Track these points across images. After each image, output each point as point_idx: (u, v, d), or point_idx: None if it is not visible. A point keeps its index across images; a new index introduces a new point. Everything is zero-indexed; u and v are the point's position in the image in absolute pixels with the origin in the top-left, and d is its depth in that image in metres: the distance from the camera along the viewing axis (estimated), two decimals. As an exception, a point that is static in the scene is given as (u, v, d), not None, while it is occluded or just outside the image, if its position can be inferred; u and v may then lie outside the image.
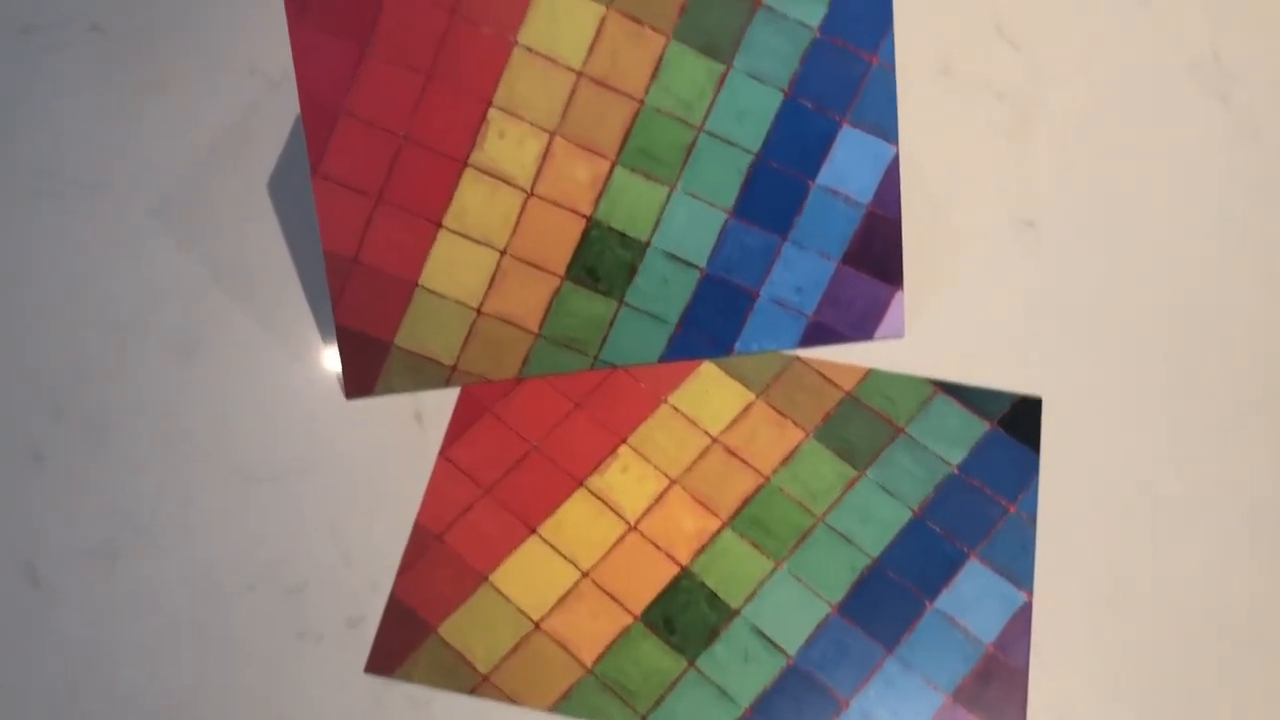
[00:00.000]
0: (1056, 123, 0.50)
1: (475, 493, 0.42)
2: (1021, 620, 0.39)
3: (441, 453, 0.43)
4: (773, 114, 0.41)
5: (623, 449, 0.43)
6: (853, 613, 0.40)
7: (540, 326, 0.42)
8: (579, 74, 0.40)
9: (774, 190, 0.42)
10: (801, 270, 0.43)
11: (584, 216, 0.41)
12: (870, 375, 0.44)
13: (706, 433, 0.43)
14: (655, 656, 0.39)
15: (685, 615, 0.39)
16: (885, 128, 0.42)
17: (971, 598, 0.40)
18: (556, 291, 0.42)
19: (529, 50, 0.40)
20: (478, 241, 0.41)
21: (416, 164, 0.40)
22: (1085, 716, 0.38)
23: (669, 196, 0.41)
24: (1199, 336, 0.45)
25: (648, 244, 0.41)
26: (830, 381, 0.44)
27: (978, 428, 0.43)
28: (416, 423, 0.43)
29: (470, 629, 0.39)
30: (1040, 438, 0.43)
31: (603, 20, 0.40)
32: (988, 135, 0.50)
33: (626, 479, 0.42)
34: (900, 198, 0.43)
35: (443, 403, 0.44)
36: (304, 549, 0.41)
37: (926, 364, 0.44)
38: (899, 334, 0.44)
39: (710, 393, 0.44)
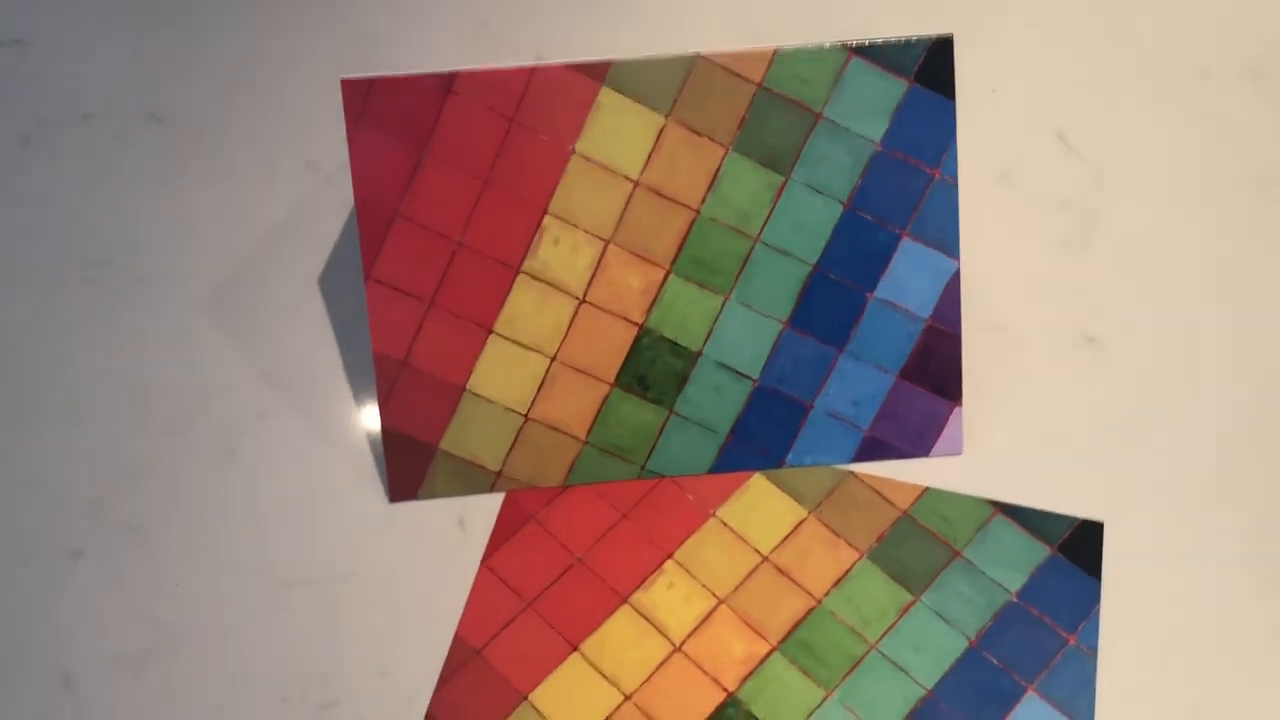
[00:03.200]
0: (1120, 234, 0.49)
1: (517, 605, 0.41)
2: (1081, 759, 0.38)
3: (484, 561, 0.42)
4: (832, 226, 0.40)
5: (669, 564, 0.42)
6: (906, 748, 0.38)
7: (588, 433, 0.41)
8: (636, 183, 0.40)
9: (831, 302, 0.41)
10: (858, 383, 0.42)
11: (635, 324, 0.40)
12: (927, 494, 0.43)
13: (756, 550, 0.42)
14: (699, 788, 0.37)
15: (731, 745, 0.38)
16: (946, 241, 0.41)
17: (1030, 735, 0.38)
18: (605, 399, 0.41)
19: (586, 159, 0.40)
20: (528, 347, 0.41)
21: (470, 269, 0.40)
22: None
23: (723, 306, 0.40)
24: (1267, 458, 0.43)
25: (699, 353, 0.40)
26: (885, 499, 0.43)
27: (1038, 552, 0.42)
28: (460, 529, 0.42)
29: (508, 751, 0.38)
30: (1102, 564, 0.41)
31: (661, 130, 0.40)
32: (1049, 246, 0.49)
33: (672, 596, 0.41)
34: (961, 312, 0.42)
35: (487, 508, 0.43)
36: (340, 659, 0.40)
37: (984, 484, 0.43)
38: (956, 451, 0.43)
39: (761, 507, 0.42)
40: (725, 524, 0.42)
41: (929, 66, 0.41)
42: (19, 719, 0.39)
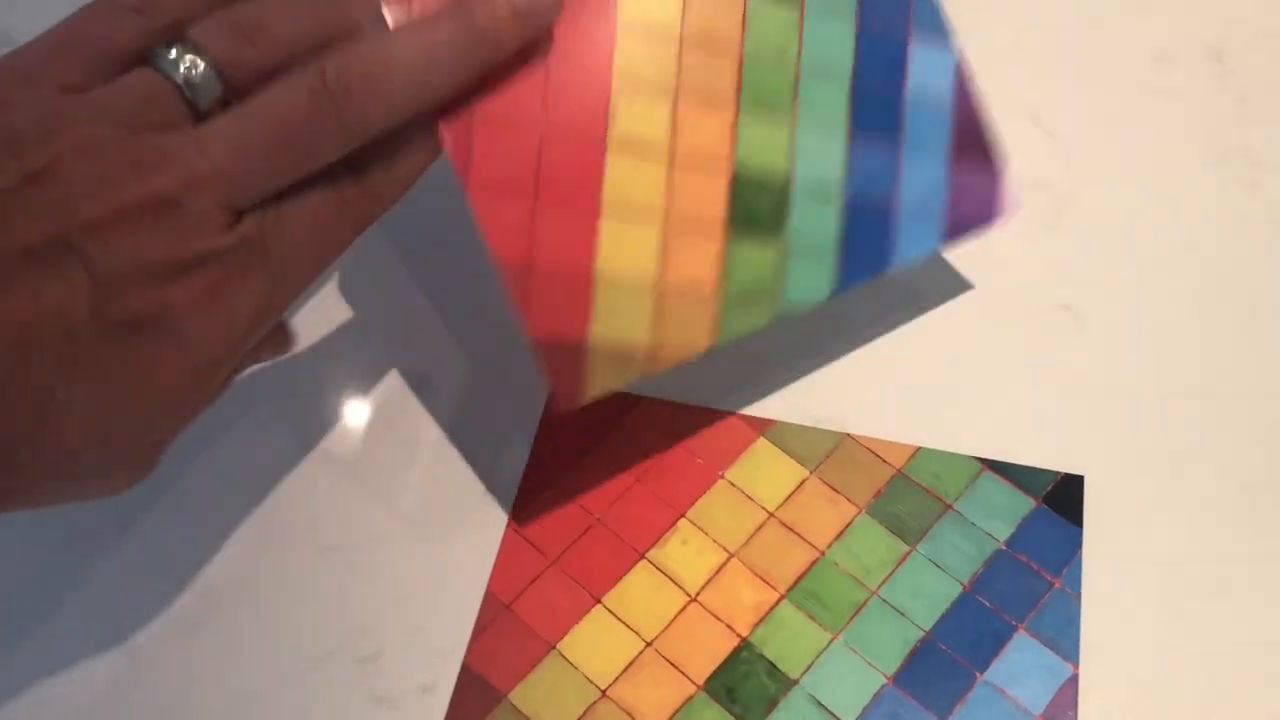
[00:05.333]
0: (1091, 211, 0.53)
1: (542, 563, 0.44)
2: (1069, 692, 0.41)
3: (509, 524, 0.45)
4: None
5: (682, 522, 0.45)
6: (906, 683, 0.41)
7: (718, 288, 0.42)
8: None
9: (877, 105, 0.43)
10: (924, 171, 0.44)
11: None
12: (919, 453, 0.46)
13: (763, 507, 0.45)
14: (718, 724, 0.40)
15: (746, 685, 0.41)
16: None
17: (1020, 670, 0.41)
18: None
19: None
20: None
21: (561, 153, 0.40)
22: (1133, 786, 0.39)
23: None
24: (1231, 414, 0.47)
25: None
26: (881, 459, 0.46)
27: (1023, 504, 0.45)
28: (485, 495, 0.45)
29: (540, 696, 0.41)
30: (1083, 514, 0.45)
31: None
32: (1027, 223, 0.52)
33: (686, 551, 0.44)
34: (976, 92, 0.45)
35: (509, 478, 0.46)
36: (380, 616, 0.43)
37: (973, 443, 0.46)
38: (1019, 208, 0.47)
39: (766, 468, 0.45)
40: (733, 484, 0.45)
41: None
42: (85, 685, 0.42)
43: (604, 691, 0.41)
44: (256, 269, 0.33)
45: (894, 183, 0.44)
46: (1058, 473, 0.46)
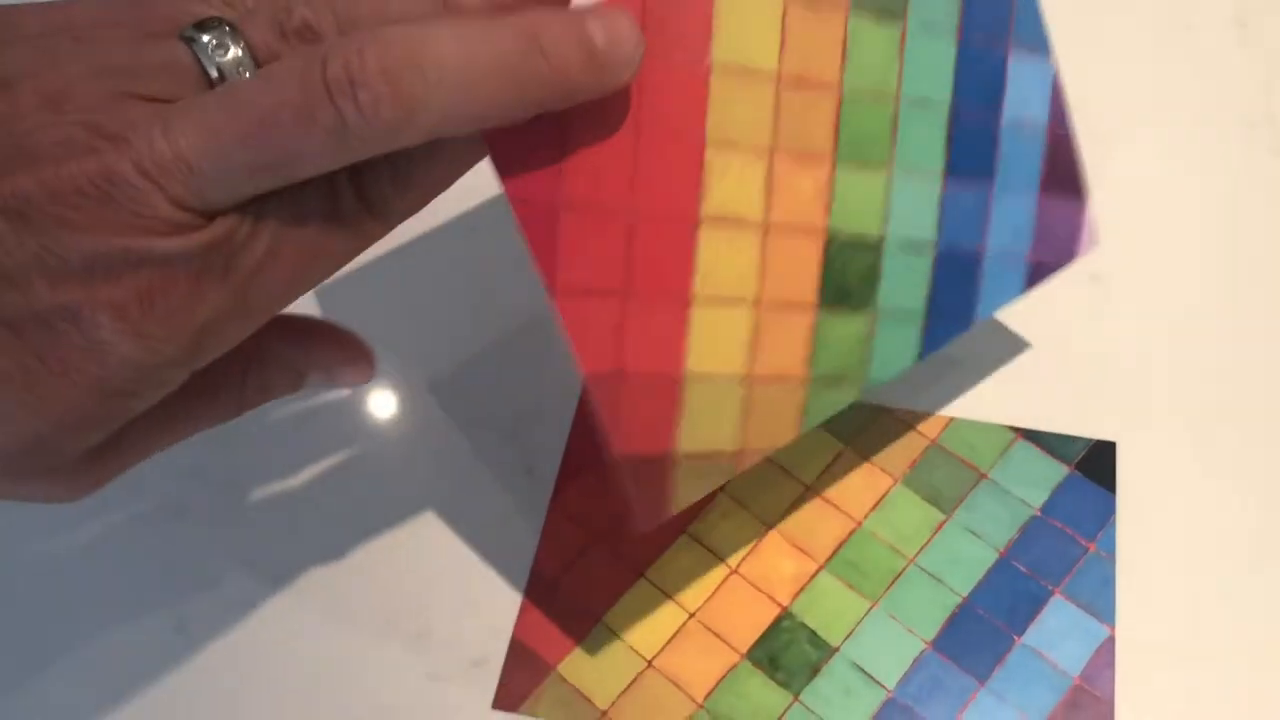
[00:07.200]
0: (1117, 182, 0.53)
1: (586, 539, 0.45)
2: (1105, 653, 0.42)
3: (552, 503, 0.46)
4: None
5: (720, 497, 0.46)
6: (946, 648, 0.42)
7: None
8: (778, 77, 0.36)
9: (974, 136, 0.40)
10: (1014, 212, 0.42)
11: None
12: (953, 424, 0.47)
13: (800, 481, 0.46)
14: (762, 693, 0.41)
15: (788, 653, 0.42)
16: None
17: (1057, 633, 0.42)
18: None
19: (725, 68, 0.35)
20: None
21: (651, 240, 0.35)
22: (1171, 744, 0.40)
23: (889, 181, 0.38)
24: (1260, 377, 0.47)
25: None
26: (916, 430, 0.47)
27: (1056, 471, 0.46)
28: (528, 476, 0.46)
29: (587, 667, 0.42)
30: (1116, 480, 0.45)
31: (784, 12, 0.36)
32: (1054, 194, 0.53)
33: (726, 525, 0.45)
34: (1068, 109, 0.42)
35: (550, 458, 0.47)
36: (431, 595, 0.44)
37: (1006, 413, 0.47)
38: (1096, 244, 0.44)
39: (802, 443, 0.46)
40: (770, 459, 0.46)
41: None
42: (138, 666, 0.43)
43: (650, 662, 0.42)
44: (214, 281, 0.28)
45: (985, 227, 0.41)
46: (1090, 439, 0.46)
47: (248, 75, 0.27)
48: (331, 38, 0.28)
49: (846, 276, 0.38)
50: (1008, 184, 0.41)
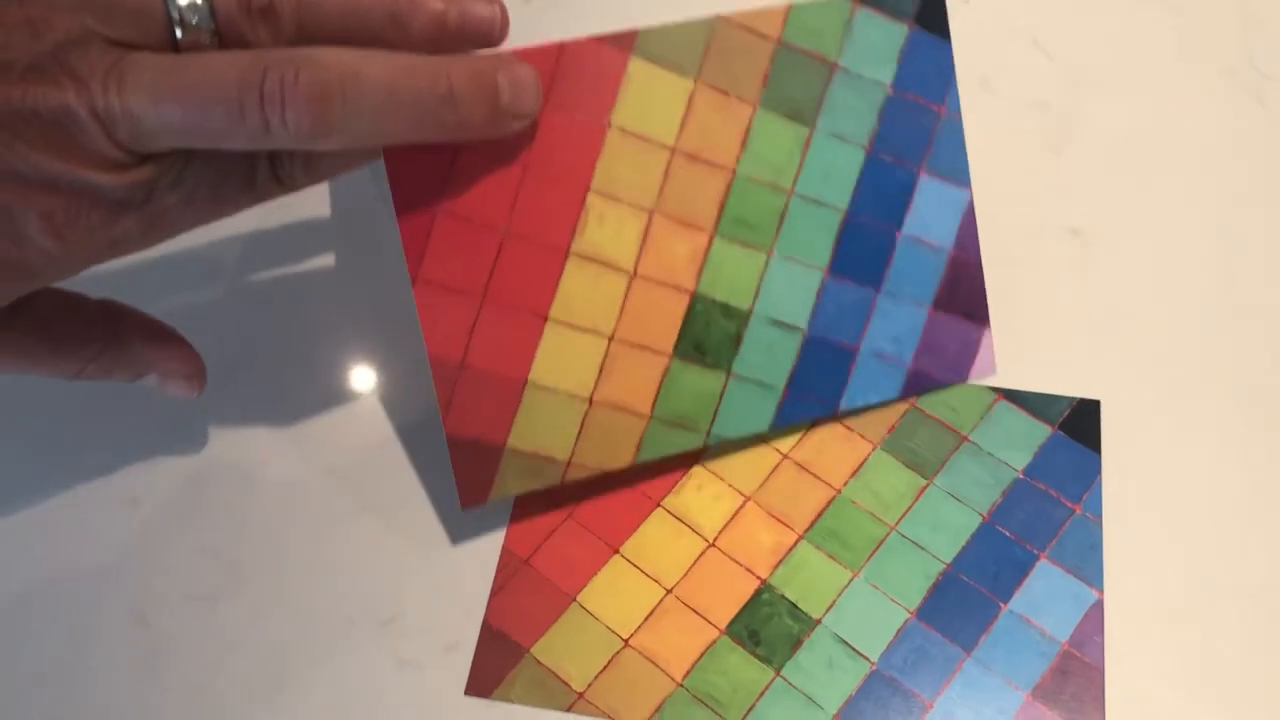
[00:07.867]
0: (1096, 132, 0.52)
1: (558, 517, 0.43)
2: (1094, 618, 0.41)
3: (522, 480, 0.44)
4: (857, 171, 0.42)
5: (696, 469, 0.44)
6: (930, 617, 0.41)
7: (652, 409, 0.42)
8: (673, 150, 0.40)
9: (865, 244, 0.42)
10: (897, 321, 0.44)
11: (687, 291, 0.41)
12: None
13: (776, 449, 0.44)
14: (742, 668, 0.40)
15: (769, 627, 0.41)
16: (958, 174, 0.43)
17: (1044, 598, 0.41)
18: (666, 371, 0.42)
19: (624, 131, 0.40)
20: (585, 330, 0.41)
21: (519, 258, 0.39)
22: (1160, 706, 0.39)
23: (767, 263, 0.41)
24: (1245, 332, 0.46)
25: (750, 311, 0.41)
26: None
27: (1039, 432, 0.44)
28: (496, 452, 0.45)
29: (562, 648, 0.41)
30: (1100, 439, 0.44)
31: (692, 95, 0.40)
32: (1031, 146, 0.51)
33: (702, 497, 0.44)
34: (978, 239, 0.44)
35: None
36: (398, 580, 0.42)
37: (986, 372, 0.46)
38: (991, 372, 0.45)
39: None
40: (746, 428, 0.45)
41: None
42: (102, 654, 0.42)
43: (626, 641, 0.41)
44: (132, 210, 0.33)
45: (863, 326, 0.44)
46: (1073, 398, 0.45)
47: (204, 36, 0.32)
48: (288, 23, 0.33)
49: (707, 336, 0.42)
50: (896, 294, 0.43)
